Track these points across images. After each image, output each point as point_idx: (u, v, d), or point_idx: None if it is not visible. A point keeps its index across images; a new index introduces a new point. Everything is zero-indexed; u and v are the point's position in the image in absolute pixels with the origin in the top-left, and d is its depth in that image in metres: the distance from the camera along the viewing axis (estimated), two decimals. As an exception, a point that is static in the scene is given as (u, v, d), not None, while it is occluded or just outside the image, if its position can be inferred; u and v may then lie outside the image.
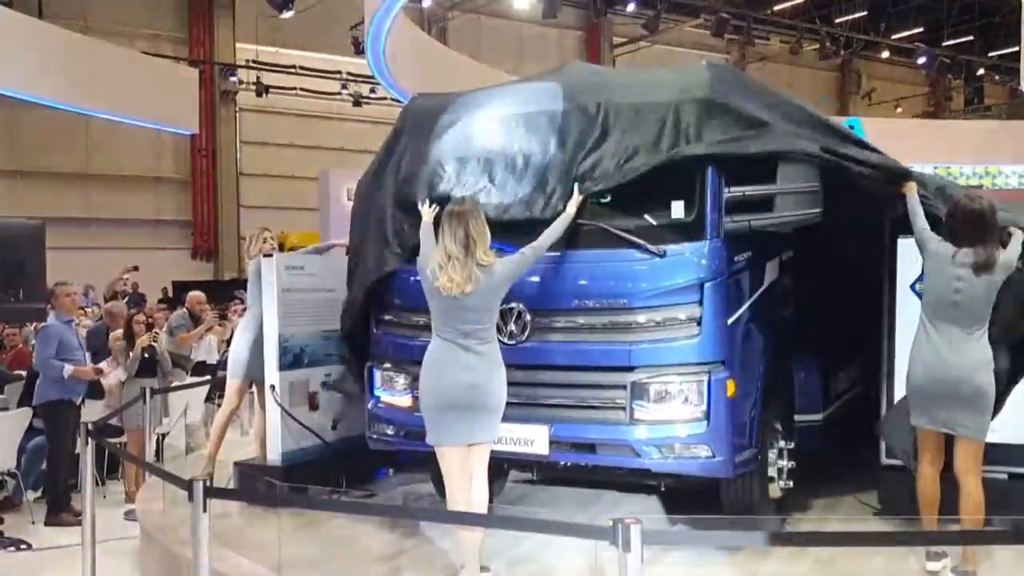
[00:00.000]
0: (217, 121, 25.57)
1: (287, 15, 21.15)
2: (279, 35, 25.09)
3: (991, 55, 31.07)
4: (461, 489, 4.58)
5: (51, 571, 6.79)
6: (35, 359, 8.10)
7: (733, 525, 4.93)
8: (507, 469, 5.98)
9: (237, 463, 6.64)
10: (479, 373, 4.53)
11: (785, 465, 5.57)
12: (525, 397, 5.02)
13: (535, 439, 5.04)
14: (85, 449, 5.88)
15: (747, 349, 5.19)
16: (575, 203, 5.03)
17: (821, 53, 27.41)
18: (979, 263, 4.57)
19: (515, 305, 5.08)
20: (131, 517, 7.16)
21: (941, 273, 4.67)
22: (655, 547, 3.38)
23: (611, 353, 5.00)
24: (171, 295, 20.21)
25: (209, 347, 11.26)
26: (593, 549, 3.38)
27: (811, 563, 4.88)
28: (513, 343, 5.09)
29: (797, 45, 26.84)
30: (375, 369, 5.75)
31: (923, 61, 29.43)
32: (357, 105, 25.83)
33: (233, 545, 5.32)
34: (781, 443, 5.58)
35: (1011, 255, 4.67)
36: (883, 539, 4.63)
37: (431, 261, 4.59)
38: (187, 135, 23.91)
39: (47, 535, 7.46)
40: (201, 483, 4.05)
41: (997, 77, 33.27)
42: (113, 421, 8.07)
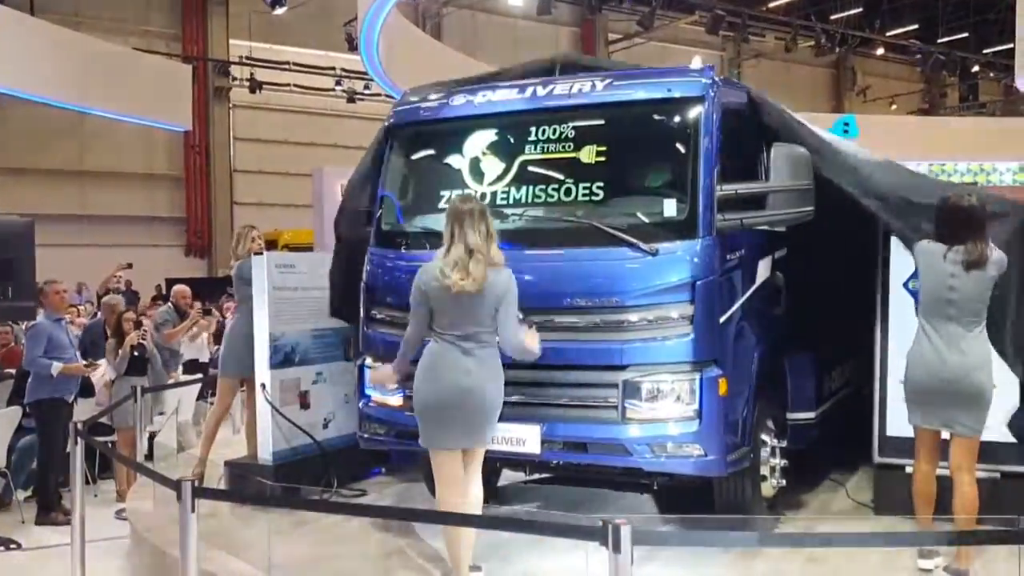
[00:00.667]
0: (211, 118, 25.47)
1: (280, 11, 21.10)
2: (273, 31, 25.01)
3: (985, 52, 31.08)
4: (452, 492, 4.53)
5: (41, 571, 6.76)
6: (24, 358, 8.05)
7: (725, 524, 4.91)
8: (499, 468, 5.96)
9: (227, 462, 6.62)
10: (476, 377, 4.46)
11: (778, 463, 5.56)
12: (517, 396, 4.97)
13: (527, 438, 5.02)
14: (75, 448, 5.85)
15: (739, 347, 5.17)
16: (534, 338, 4.60)
17: (816, 50, 27.38)
18: (970, 260, 4.56)
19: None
20: (122, 516, 7.13)
21: (934, 271, 4.67)
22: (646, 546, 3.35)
23: (603, 352, 4.98)
24: (165, 292, 20.12)
25: (200, 345, 11.22)
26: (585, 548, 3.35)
27: (804, 561, 4.87)
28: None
29: (792, 42, 26.82)
30: (366, 368, 5.72)
31: (918, 58, 29.48)
32: (351, 102, 25.72)
33: (223, 545, 5.30)
34: (774, 441, 5.57)
35: (1003, 253, 4.66)
36: (877, 539, 4.61)
37: (442, 260, 4.44)
38: (181, 132, 23.83)
39: (38, 534, 7.42)
40: (189, 483, 4.04)
41: (992, 74, 33.36)
42: (104, 420, 8.03)
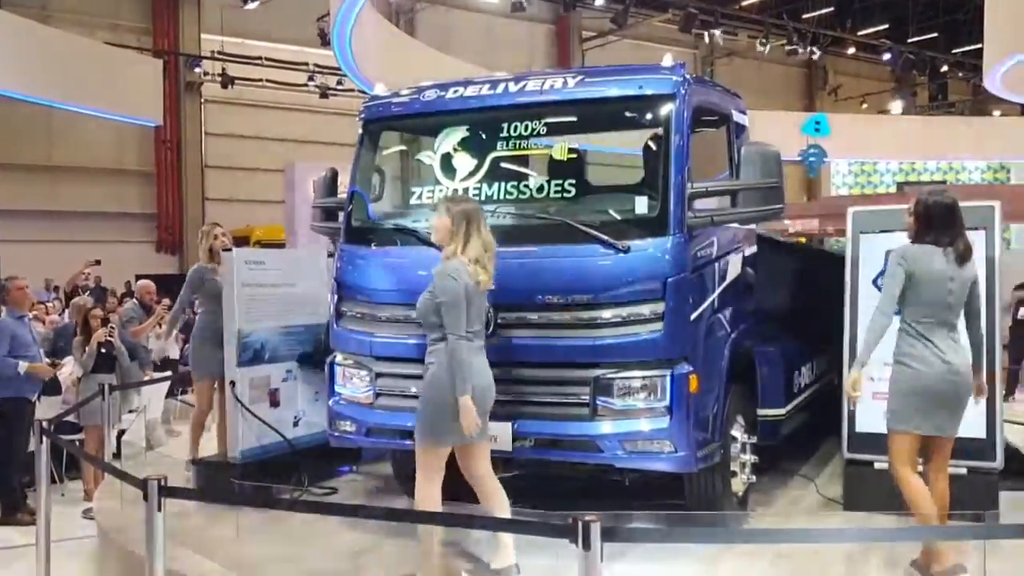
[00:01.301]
0: (182, 113, 25.19)
1: (252, 5, 20.96)
2: (245, 26, 24.76)
3: (955, 52, 31.45)
4: (439, 488, 4.55)
5: (5, 572, 6.65)
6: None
7: (695, 521, 4.92)
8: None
9: (195, 460, 6.56)
10: (490, 375, 4.59)
11: (748, 459, 5.59)
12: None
13: (498, 435, 4.99)
14: (39, 447, 5.76)
15: (710, 344, 5.19)
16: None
17: (788, 49, 27.57)
18: (961, 254, 4.53)
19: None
20: (90, 516, 7.04)
21: (934, 274, 4.51)
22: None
23: (574, 349, 4.98)
24: (133, 289, 19.92)
25: (170, 343, 11.09)
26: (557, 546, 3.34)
27: (773, 557, 4.89)
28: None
29: (764, 41, 26.98)
30: (335, 365, 5.68)
31: (888, 57, 29.77)
32: (324, 97, 25.55)
33: (191, 544, 5.23)
34: (744, 437, 5.59)
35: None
36: (845, 535, 4.65)
37: (462, 259, 4.47)
38: (151, 127, 23.59)
39: (2, 535, 7.30)
40: (156, 482, 3.98)
41: (961, 74, 33.75)
42: (71, 418, 7.92)
